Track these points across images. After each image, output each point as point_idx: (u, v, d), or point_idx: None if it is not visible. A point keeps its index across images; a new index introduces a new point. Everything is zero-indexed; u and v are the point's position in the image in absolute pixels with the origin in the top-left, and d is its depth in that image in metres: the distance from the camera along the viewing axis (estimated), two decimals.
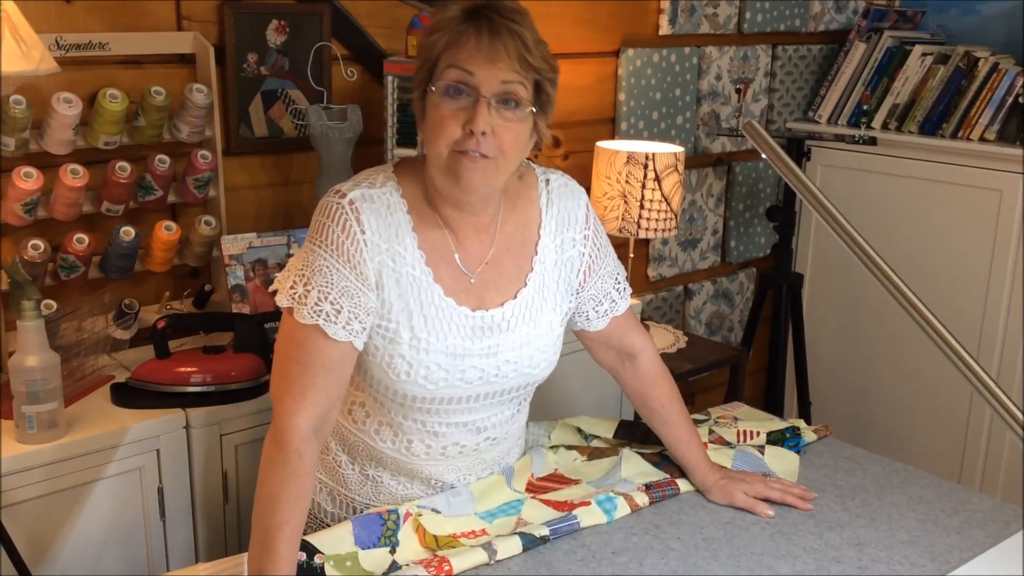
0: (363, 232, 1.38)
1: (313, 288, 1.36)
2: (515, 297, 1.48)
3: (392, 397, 1.45)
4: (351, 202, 1.38)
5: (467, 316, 1.44)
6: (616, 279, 1.61)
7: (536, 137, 1.43)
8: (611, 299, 1.60)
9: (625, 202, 2.57)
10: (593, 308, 1.59)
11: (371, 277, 1.39)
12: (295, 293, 1.37)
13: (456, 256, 1.45)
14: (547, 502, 1.55)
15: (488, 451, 1.55)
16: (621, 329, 1.63)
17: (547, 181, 1.54)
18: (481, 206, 1.45)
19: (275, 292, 1.41)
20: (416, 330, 1.41)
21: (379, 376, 1.44)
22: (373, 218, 1.39)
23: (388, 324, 1.41)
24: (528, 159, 1.52)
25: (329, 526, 1.55)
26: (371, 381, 1.46)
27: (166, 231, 2.04)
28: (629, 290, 1.64)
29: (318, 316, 1.35)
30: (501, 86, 1.33)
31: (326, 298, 1.36)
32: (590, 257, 1.56)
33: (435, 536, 1.45)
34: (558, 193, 1.54)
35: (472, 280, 1.45)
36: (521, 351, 1.48)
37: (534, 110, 1.38)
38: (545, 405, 1.89)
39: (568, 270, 1.54)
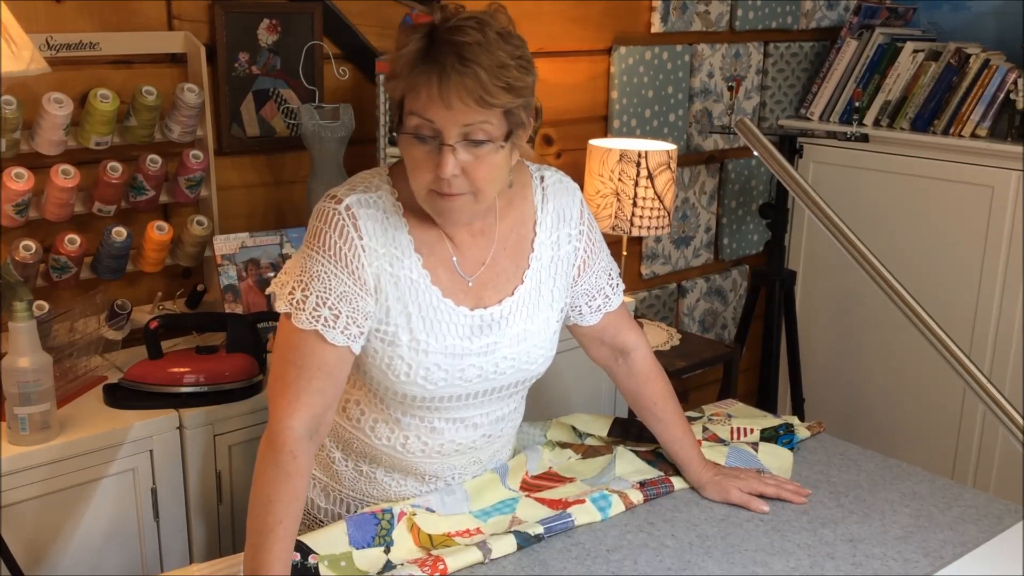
0: (361, 238, 1.38)
1: (311, 294, 1.37)
2: (513, 294, 1.49)
3: (392, 397, 1.46)
4: (347, 208, 1.39)
5: (466, 316, 1.44)
6: (609, 275, 1.61)
7: (517, 153, 1.40)
8: (604, 294, 1.61)
9: (618, 200, 2.57)
10: (586, 303, 1.59)
11: (369, 282, 1.39)
12: (293, 299, 1.37)
13: (454, 259, 1.45)
14: (541, 500, 1.55)
15: (483, 448, 1.56)
16: (614, 326, 1.64)
17: (541, 178, 1.54)
18: (471, 220, 1.44)
19: (272, 296, 1.42)
20: (415, 332, 1.42)
21: (379, 377, 1.44)
22: (370, 223, 1.39)
23: (387, 327, 1.41)
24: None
25: (322, 522, 1.55)
26: (370, 382, 1.47)
27: (158, 231, 2.03)
28: (622, 286, 1.64)
29: (316, 322, 1.36)
30: (463, 129, 1.30)
31: (324, 304, 1.36)
32: (585, 252, 1.57)
33: (430, 535, 1.45)
34: (553, 190, 1.54)
35: (470, 283, 1.46)
36: (519, 347, 1.49)
37: (503, 145, 1.34)
38: (540, 402, 1.89)
39: (564, 265, 1.55)
